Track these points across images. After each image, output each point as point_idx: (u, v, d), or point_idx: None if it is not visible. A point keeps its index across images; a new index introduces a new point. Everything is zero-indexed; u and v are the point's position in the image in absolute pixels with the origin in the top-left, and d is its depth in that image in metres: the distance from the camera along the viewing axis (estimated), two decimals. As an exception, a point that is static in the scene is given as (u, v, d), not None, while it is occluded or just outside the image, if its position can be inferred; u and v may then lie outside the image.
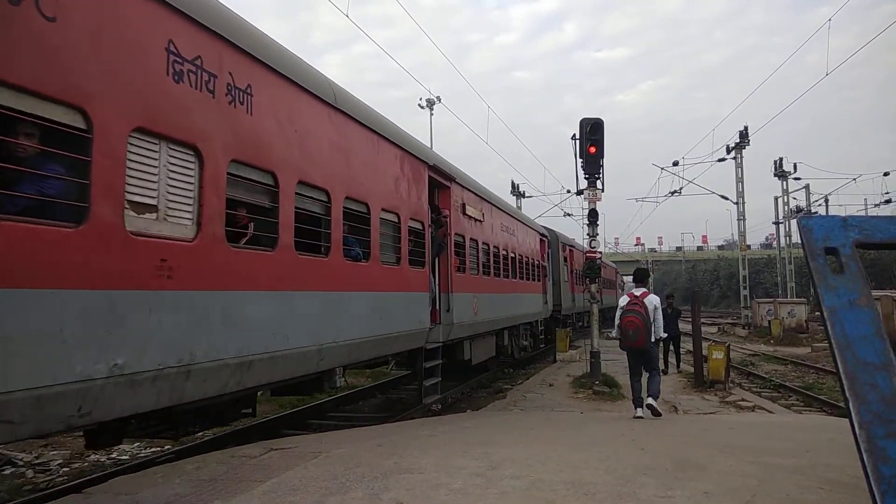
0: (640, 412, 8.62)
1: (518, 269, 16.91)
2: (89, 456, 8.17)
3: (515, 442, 6.19)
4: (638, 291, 8.79)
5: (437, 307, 10.42)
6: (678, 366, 16.61)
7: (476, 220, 13.01)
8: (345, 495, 3.98)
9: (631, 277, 10.05)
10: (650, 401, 8.64)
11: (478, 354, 13.08)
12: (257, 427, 8.34)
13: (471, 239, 12.53)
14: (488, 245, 13.91)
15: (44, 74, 3.37)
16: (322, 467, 4.69)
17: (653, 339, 8.69)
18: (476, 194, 13.12)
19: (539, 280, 20.00)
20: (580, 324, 29.09)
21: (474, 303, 12.41)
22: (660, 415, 8.77)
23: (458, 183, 11.75)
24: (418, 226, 9.46)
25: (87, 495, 4.21)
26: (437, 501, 3.93)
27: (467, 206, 12.31)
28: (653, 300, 8.70)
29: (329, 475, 4.44)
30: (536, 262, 19.65)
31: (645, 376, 8.86)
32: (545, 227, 24.79)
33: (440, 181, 10.82)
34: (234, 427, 7.96)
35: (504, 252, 15.40)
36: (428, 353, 9.88)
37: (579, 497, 4.07)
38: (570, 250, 26.50)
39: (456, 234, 11.48)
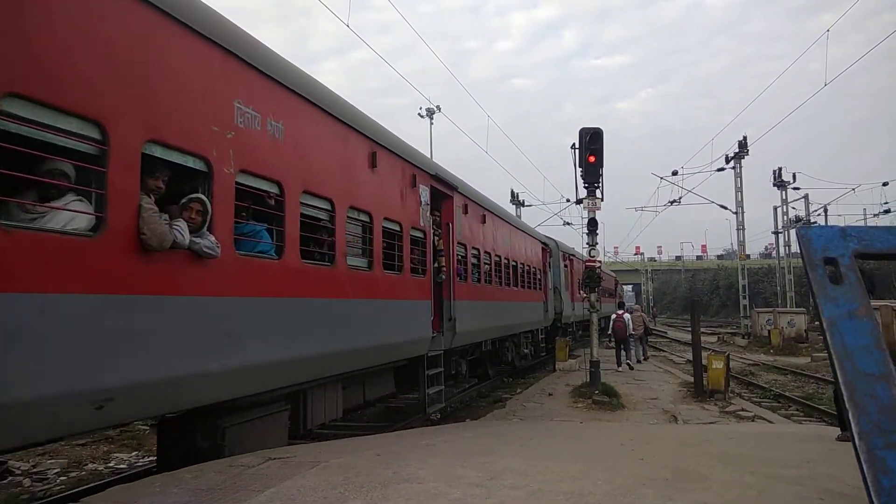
0: (620, 368, 18.58)
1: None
2: (87, 465, 8.14)
3: (515, 452, 6.17)
4: (620, 311, 20.16)
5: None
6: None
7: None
8: (343, 505, 3.96)
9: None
10: (627, 362, 19.22)
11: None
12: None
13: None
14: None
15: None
16: (320, 477, 4.67)
17: (628, 334, 19.31)
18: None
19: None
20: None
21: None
22: (632, 368, 18.92)
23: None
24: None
25: (85, 504, 4.18)
26: (436, 511, 3.91)
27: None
28: (625, 317, 19.41)
29: (327, 485, 4.42)
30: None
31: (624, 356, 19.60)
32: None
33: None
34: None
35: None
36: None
37: (579, 507, 4.05)
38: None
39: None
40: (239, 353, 5.06)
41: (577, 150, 13.75)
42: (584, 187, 13.87)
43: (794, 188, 36.92)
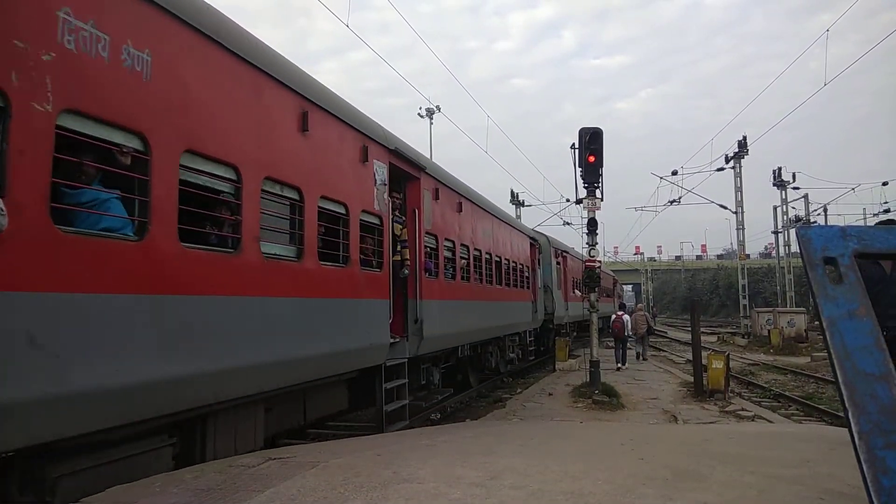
0: (619, 367, 19.15)
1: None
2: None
3: (515, 452, 6.17)
4: (620, 312, 20.94)
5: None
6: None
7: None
8: (343, 505, 3.96)
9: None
10: (619, 365, 19.45)
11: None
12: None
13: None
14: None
15: None
16: (320, 477, 4.67)
17: (626, 334, 20.19)
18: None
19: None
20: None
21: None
22: (624, 366, 19.55)
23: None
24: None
25: (85, 504, 4.17)
26: (436, 511, 3.91)
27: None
28: (624, 318, 20.28)
29: (327, 485, 4.42)
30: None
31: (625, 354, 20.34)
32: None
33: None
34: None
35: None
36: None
37: (579, 507, 4.05)
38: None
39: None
40: (68, 374, 3.65)
41: (576, 150, 13.74)
42: (584, 187, 13.87)
43: (794, 188, 36.99)
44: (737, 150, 32.84)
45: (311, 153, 6.45)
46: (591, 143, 13.32)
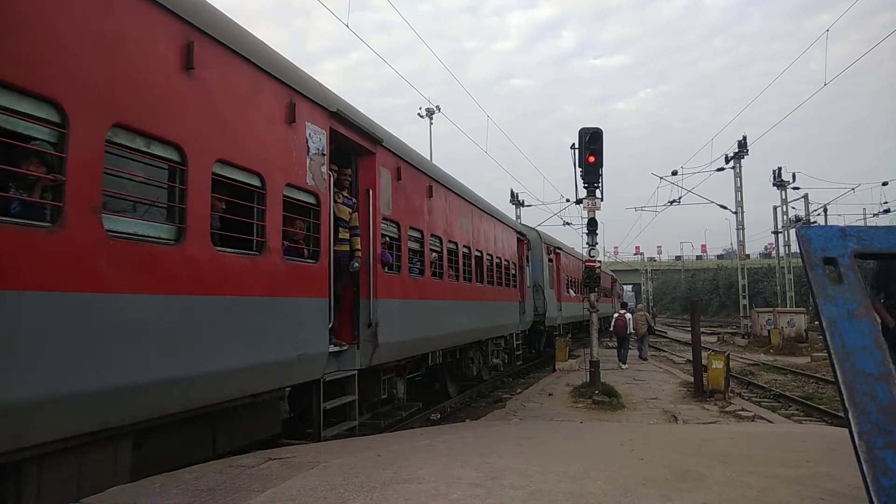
0: (622, 367, 19.30)
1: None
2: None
3: (515, 452, 6.17)
4: (622, 311, 21.20)
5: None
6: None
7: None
8: (343, 505, 3.96)
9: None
10: (620, 364, 19.69)
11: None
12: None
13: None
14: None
15: None
16: (320, 477, 4.67)
17: (628, 333, 20.34)
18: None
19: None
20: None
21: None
22: (626, 365, 19.62)
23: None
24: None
25: (84, 505, 4.16)
26: (436, 512, 3.91)
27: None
28: (626, 316, 20.52)
29: (327, 485, 4.43)
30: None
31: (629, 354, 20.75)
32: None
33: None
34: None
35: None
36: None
37: (579, 507, 4.05)
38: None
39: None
40: None
41: (576, 151, 13.75)
42: (584, 187, 13.87)
43: (794, 188, 36.95)
44: (737, 150, 32.82)
45: (202, 101, 4.97)
46: (591, 144, 13.33)
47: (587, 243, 14.52)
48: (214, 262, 4.98)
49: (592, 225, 14.21)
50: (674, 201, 35.71)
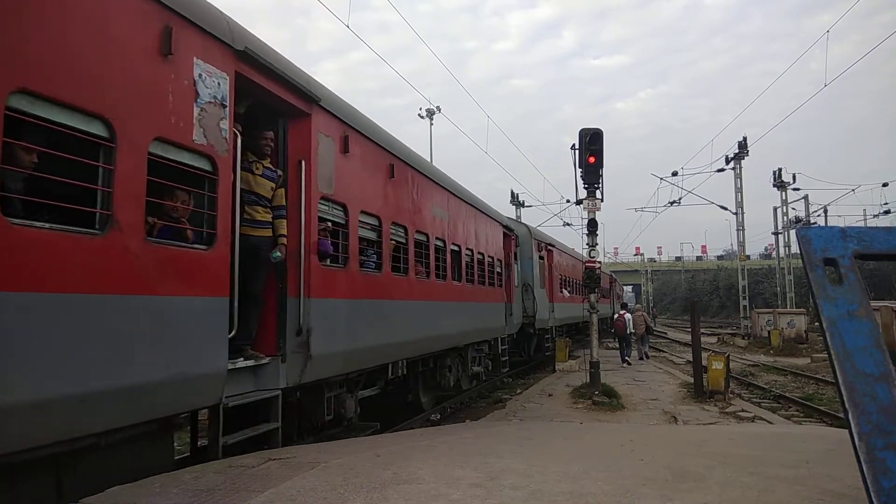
0: (624, 365, 20.26)
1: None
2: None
3: (515, 452, 6.17)
4: (622, 311, 22.10)
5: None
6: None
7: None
8: (343, 506, 3.96)
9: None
10: (626, 359, 21.10)
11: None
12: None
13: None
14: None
15: None
16: (320, 477, 4.67)
17: (628, 332, 21.25)
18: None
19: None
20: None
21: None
22: (629, 364, 20.57)
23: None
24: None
25: (84, 505, 4.16)
26: (436, 512, 3.91)
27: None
28: (626, 316, 21.35)
29: (327, 486, 4.43)
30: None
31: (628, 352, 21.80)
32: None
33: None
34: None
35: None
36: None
37: (579, 508, 4.05)
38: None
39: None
40: None
41: (576, 151, 13.76)
42: (584, 188, 13.89)
43: (794, 189, 36.97)
44: (737, 150, 32.85)
45: (159, 75, 4.23)
46: (591, 144, 13.35)
47: (587, 244, 14.53)
48: (5, 242, 3.26)
49: (592, 226, 14.23)
50: (674, 202, 35.78)
